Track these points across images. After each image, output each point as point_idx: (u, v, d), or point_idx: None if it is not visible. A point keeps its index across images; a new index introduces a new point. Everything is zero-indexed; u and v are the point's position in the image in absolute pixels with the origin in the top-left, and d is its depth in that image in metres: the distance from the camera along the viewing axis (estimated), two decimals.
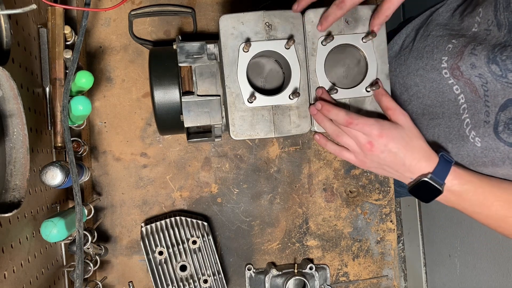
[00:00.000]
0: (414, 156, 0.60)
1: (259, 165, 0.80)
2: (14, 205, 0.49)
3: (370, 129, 0.59)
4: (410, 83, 0.70)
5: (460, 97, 0.62)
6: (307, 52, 0.62)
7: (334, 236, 0.82)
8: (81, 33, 0.58)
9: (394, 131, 0.59)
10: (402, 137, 0.59)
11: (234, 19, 0.60)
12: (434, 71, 0.65)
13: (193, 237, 0.73)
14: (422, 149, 0.61)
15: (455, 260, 1.49)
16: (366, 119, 0.59)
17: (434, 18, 0.71)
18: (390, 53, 0.77)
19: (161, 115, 0.65)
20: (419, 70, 0.67)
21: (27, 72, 0.57)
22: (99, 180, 0.77)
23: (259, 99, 0.60)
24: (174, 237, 0.73)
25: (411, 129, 0.61)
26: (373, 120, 0.59)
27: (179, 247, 0.73)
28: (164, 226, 0.73)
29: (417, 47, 0.70)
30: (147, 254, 0.72)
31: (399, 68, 0.73)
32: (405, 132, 0.60)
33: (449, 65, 0.62)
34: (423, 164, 0.60)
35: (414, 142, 0.60)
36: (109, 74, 0.77)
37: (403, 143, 0.59)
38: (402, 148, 0.60)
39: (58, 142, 0.62)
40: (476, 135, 0.60)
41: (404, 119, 0.61)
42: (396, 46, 0.77)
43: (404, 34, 0.76)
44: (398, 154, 0.60)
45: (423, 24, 0.73)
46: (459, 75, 0.61)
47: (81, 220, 0.56)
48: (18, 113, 0.49)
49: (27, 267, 0.55)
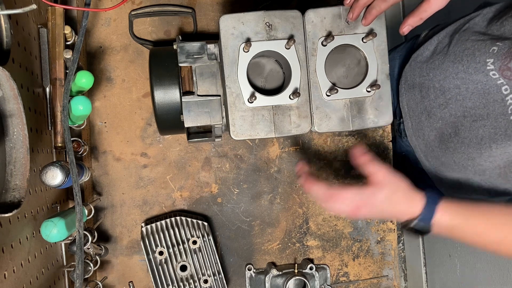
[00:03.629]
0: (398, 209, 0.61)
1: (259, 165, 0.80)
2: (14, 205, 0.49)
3: (350, 202, 0.60)
4: (448, 86, 0.70)
5: (509, 97, 0.63)
6: (308, 52, 0.61)
7: (334, 236, 0.82)
8: (81, 33, 0.58)
9: (374, 198, 0.60)
10: (383, 200, 0.60)
11: (234, 19, 0.60)
12: (479, 73, 0.65)
13: (193, 237, 0.73)
14: (405, 199, 0.61)
15: (455, 260, 1.49)
16: (346, 192, 0.59)
17: (471, 26, 0.71)
18: (419, 58, 0.77)
19: (161, 115, 0.65)
20: (460, 73, 0.68)
21: (27, 72, 0.57)
22: (99, 180, 0.77)
23: (260, 99, 0.60)
24: (175, 237, 0.73)
25: (392, 182, 0.61)
26: (352, 193, 0.59)
27: (179, 247, 0.73)
28: (164, 226, 0.73)
29: (453, 51, 0.70)
30: (147, 254, 0.72)
31: (433, 72, 0.73)
32: (386, 191, 0.60)
33: (497, 67, 0.63)
34: (408, 213, 0.61)
35: (397, 195, 0.60)
36: (109, 74, 0.77)
37: (385, 204, 0.60)
38: (386, 209, 0.61)
39: (58, 142, 0.62)
40: None
41: (384, 177, 0.60)
42: (427, 51, 0.77)
43: (436, 40, 0.76)
44: (383, 214, 0.62)
45: (458, 30, 0.73)
46: (510, 75, 0.62)
47: (81, 220, 0.56)
48: (18, 113, 0.49)
49: (27, 267, 0.55)
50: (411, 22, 0.59)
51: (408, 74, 0.80)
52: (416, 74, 0.78)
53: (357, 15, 0.60)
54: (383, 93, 0.63)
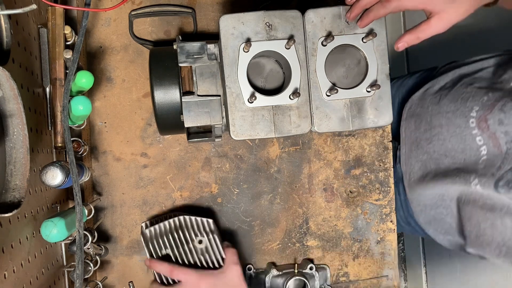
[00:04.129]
0: None
1: (259, 165, 0.80)
2: (14, 205, 0.49)
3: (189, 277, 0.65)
4: (435, 122, 0.71)
5: (483, 148, 0.63)
6: (307, 52, 0.61)
7: (334, 236, 0.82)
8: (81, 33, 0.58)
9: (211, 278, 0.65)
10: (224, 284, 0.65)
11: (234, 19, 0.60)
12: (462, 117, 0.66)
13: (197, 237, 0.70)
14: None
15: (455, 260, 1.49)
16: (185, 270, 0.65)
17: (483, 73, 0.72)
18: (429, 91, 0.78)
19: (161, 115, 0.65)
20: (448, 113, 0.69)
21: (27, 72, 0.57)
22: (99, 180, 0.77)
23: (260, 99, 0.60)
24: (179, 239, 0.69)
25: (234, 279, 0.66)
26: (191, 270, 0.65)
27: (184, 248, 0.69)
28: (168, 228, 0.70)
29: (455, 91, 0.71)
30: (152, 257, 0.69)
31: (431, 106, 0.74)
32: None
33: (477, 116, 0.64)
34: None
35: None
36: (109, 74, 0.77)
37: None
38: None
39: (58, 142, 0.62)
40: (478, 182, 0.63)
41: None
42: (437, 85, 0.77)
43: (450, 76, 0.77)
44: None
45: (470, 74, 0.73)
46: (485, 127, 0.62)
47: (81, 220, 0.56)
48: (18, 113, 0.49)
49: (27, 267, 0.55)
50: (407, 39, 0.58)
51: (414, 102, 0.80)
52: (419, 104, 0.78)
53: (355, 16, 0.60)
54: (383, 93, 0.63)
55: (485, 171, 0.63)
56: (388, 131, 0.82)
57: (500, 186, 0.60)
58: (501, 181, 0.60)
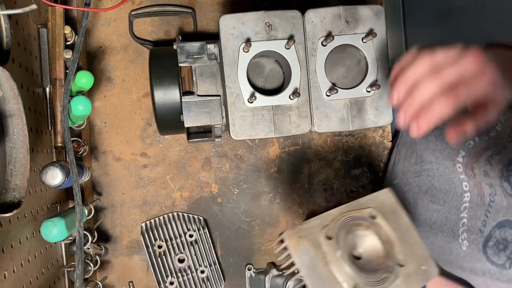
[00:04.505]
0: None
1: (259, 165, 0.80)
2: (14, 205, 0.49)
3: None
4: (425, 158, 0.70)
5: (466, 194, 0.62)
6: (307, 52, 0.61)
7: None
8: (81, 33, 0.58)
9: None
10: None
11: (234, 19, 0.60)
12: (449, 159, 0.65)
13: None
14: None
15: None
16: None
17: None
18: None
19: (161, 115, 0.65)
20: (436, 152, 0.68)
21: (27, 72, 0.57)
22: (99, 180, 0.77)
23: (259, 99, 0.60)
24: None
25: None
26: None
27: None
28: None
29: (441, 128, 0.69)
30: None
31: (420, 140, 0.72)
32: None
33: (464, 162, 0.62)
34: None
35: None
36: (109, 74, 0.77)
37: None
38: None
39: (58, 142, 0.62)
40: (467, 238, 0.61)
41: None
42: None
43: None
44: None
45: None
46: (471, 175, 0.61)
47: (81, 220, 0.56)
48: (18, 113, 0.49)
49: (27, 267, 0.55)
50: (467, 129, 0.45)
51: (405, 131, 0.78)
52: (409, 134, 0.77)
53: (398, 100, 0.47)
54: (383, 93, 0.63)
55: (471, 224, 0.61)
56: (388, 131, 0.82)
57: (489, 247, 0.58)
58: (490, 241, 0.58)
